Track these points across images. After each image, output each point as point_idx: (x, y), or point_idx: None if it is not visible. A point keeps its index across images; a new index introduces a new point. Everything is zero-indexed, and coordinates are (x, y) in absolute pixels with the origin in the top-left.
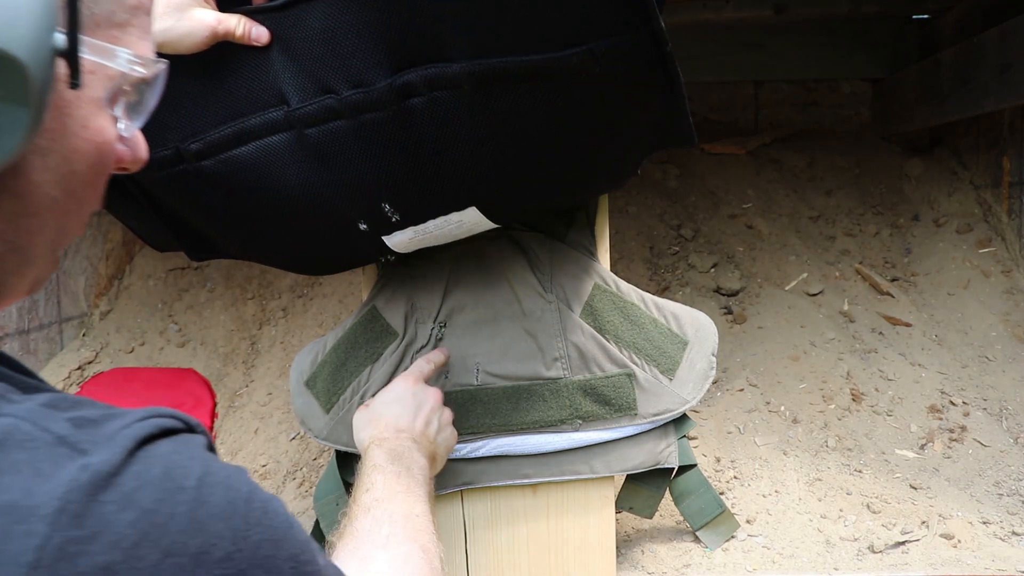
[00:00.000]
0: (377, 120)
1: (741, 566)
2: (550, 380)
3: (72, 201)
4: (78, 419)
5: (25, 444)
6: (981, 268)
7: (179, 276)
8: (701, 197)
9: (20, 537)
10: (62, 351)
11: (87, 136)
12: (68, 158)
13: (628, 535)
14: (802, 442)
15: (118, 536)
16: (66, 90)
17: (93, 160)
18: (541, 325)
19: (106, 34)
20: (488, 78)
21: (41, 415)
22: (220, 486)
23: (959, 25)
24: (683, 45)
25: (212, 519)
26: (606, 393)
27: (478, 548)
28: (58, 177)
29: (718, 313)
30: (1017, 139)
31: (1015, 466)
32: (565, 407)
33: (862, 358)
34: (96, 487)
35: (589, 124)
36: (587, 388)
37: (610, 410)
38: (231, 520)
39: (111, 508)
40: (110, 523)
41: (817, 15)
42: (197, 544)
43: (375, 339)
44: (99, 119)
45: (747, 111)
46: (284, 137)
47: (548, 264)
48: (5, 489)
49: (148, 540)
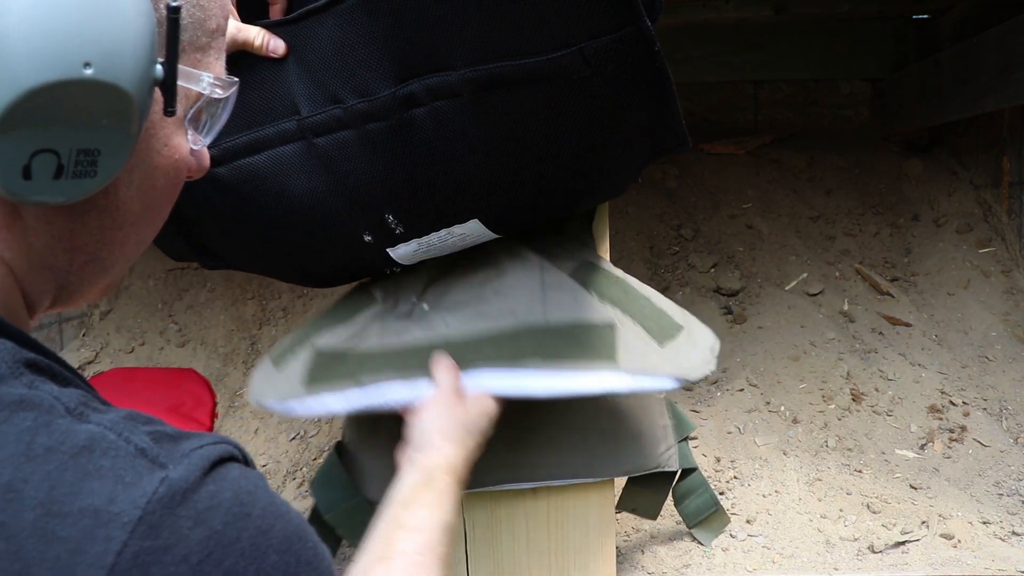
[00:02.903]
0: (380, 129)
1: (741, 566)
2: (523, 324)
3: (151, 213)
4: (156, 433)
5: (109, 452)
6: (981, 268)
7: (179, 276)
8: (701, 197)
9: (102, 541)
10: (62, 351)
11: (168, 154)
12: (151, 175)
13: (628, 536)
14: (802, 442)
15: (188, 551)
16: (154, 112)
17: (171, 175)
18: (519, 282)
19: (191, 58)
20: (484, 84)
21: (124, 426)
22: (281, 519)
23: (959, 25)
24: (683, 45)
25: (270, 550)
26: (581, 337)
27: (479, 551)
28: (141, 192)
29: (718, 313)
30: (1017, 139)
31: (1015, 466)
32: (533, 344)
33: (862, 358)
34: (174, 501)
35: (583, 128)
36: (561, 330)
37: (585, 351)
38: (285, 555)
39: (186, 523)
40: (183, 537)
41: (817, 15)
42: (253, 571)
43: (352, 305)
44: (178, 137)
45: (747, 111)
46: (295, 147)
47: (541, 242)
48: (91, 493)
49: (212, 559)
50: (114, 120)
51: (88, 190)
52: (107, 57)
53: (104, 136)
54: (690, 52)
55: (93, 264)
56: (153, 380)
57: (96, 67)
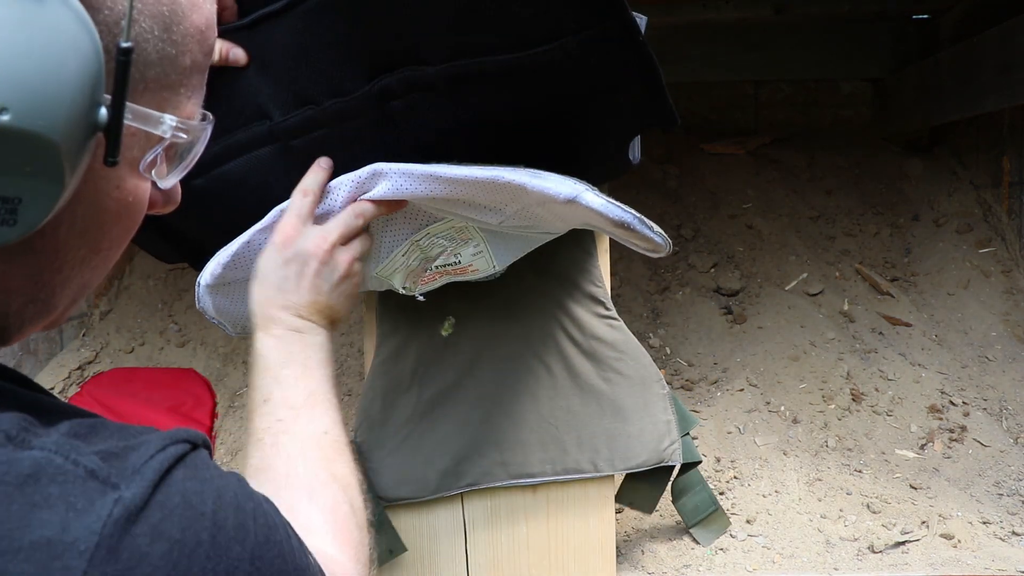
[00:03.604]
0: (359, 125)
1: (741, 566)
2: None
3: (98, 257)
4: (103, 452)
5: (57, 478)
6: (981, 268)
7: (179, 276)
8: (701, 197)
9: (59, 572)
10: (62, 351)
11: (119, 196)
12: (98, 218)
13: (628, 535)
14: (802, 442)
15: (152, 568)
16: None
17: (124, 217)
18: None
19: (155, 98)
20: (463, 79)
21: (70, 448)
22: (231, 507)
23: (959, 25)
24: (683, 45)
25: (231, 542)
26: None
27: (478, 548)
28: (85, 236)
29: (718, 313)
30: (1017, 139)
31: (1015, 466)
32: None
33: (862, 358)
34: (128, 521)
35: (565, 114)
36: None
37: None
38: (245, 542)
39: (143, 541)
40: (144, 556)
41: (817, 15)
42: (223, 569)
43: None
44: (133, 179)
45: (747, 111)
46: (271, 149)
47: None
48: (41, 525)
49: (179, 569)
50: (39, 169)
51: (7, 239)
52: (29, 102)
53: (26, 184)
54: (690, 52)
55: (33, 305)
56: (153, 380)
57: (14, 113)
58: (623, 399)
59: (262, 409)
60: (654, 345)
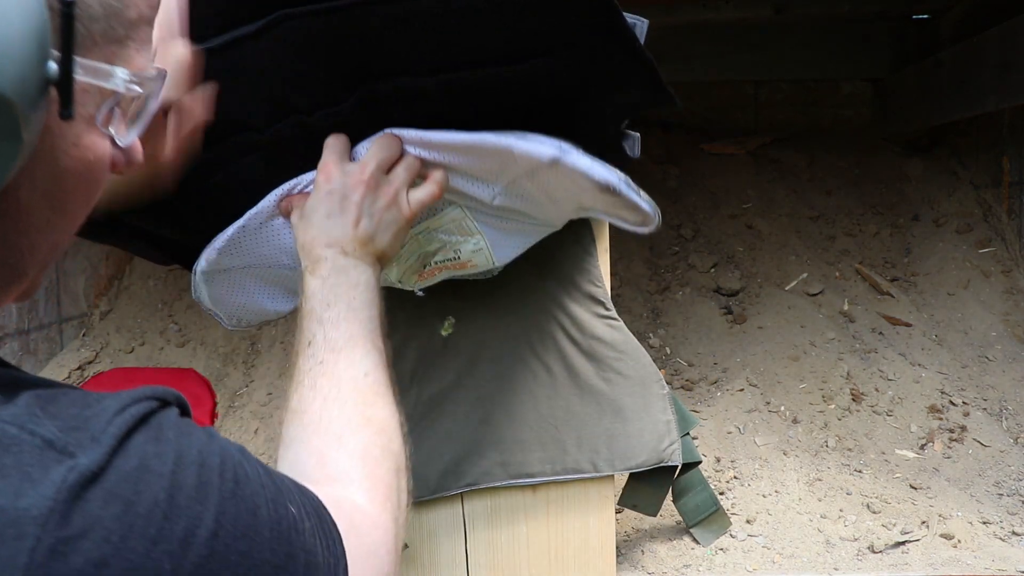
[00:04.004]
0: (352, 123)
1: (741, 566)
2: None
3: (63, 219)
4: (64, 422)
5: (12, 448)
6: (981, 268)
7: (179, 276)
8: (701, 197)
9: (11, 541)
10: (62, 351)
11: (78, 154)
12: (59, 177)
13: (628, 535)
14: (802, 442)
15: (107, 531)
16: (56, 113)
17: (85, 176)
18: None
19: (103, 52)
20: (454, 88)
21: (27, 418)
22: (193, 466)
23: (959, 25)
24: (683, 45)
25: (191, 501)
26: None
27: (478, 547)
28: (48, 196)
29: (718, 313)
30: (1017, 139)
31: (1015, 466)
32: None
33: (862, 358)
34: (82, 487)
35: (560, 113)
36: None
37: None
38: (207, 500)
39: (96, 505)
40: (97, 519)
41: (817, 15)
42: (182, 528)
43: None
44: (91, 135)
45: (747, 111)
46: (259, 156)
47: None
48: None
49: (135, 531)
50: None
51: None
52: None
53: None
54: (690, 52)
55: (5, 269)
56: (153, 380)
57: None
58: (623, 399)
59: (306, 352)
60: (654, 345)
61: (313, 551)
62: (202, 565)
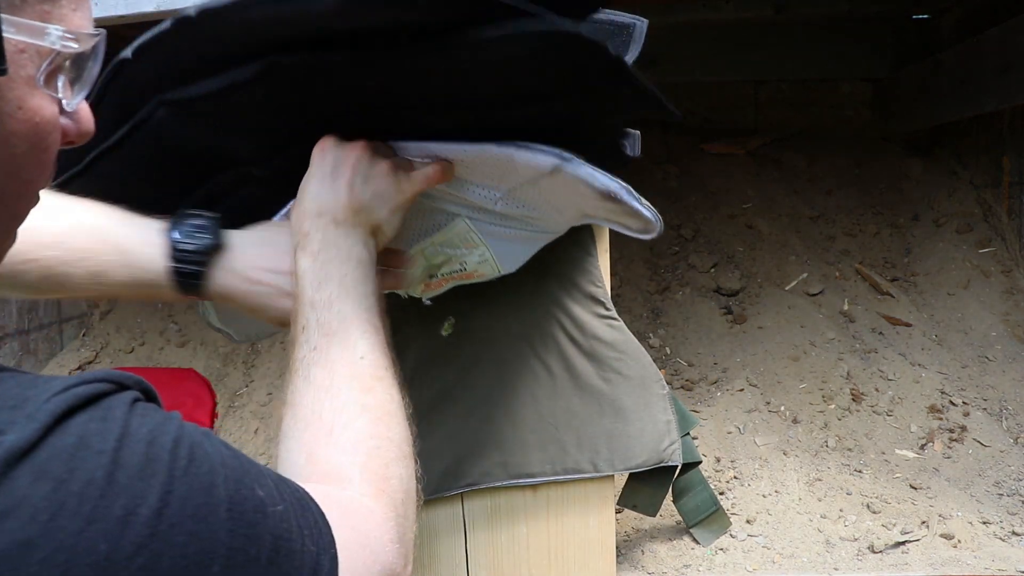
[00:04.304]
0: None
1: (741, 566)
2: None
3: (16, 183)
4: (1, 400)
5: None
6: (981, 268)
7: None
8: (701, 197)
9: None
10: (62, 351)
11: (23, 117)
12: (7, 141)
13: (628, 535)
14: (802, 442)
15: (34, 509)
16: None
17: (34, 140)
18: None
19: (35, 10)
20: (464, 125)
21: None
22: (140, 443)
23: (959, 25)
24: (683, 45)
25: (132, 479)
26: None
27: (478, 547)
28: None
29: (718, 313)
30: (1017, 139)
31: (1015, 466)
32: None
33: (862, 358)
34: (8, 464)
35: (561, 126)
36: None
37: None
38: (153, 478)
39: (23, 482)
40: (24, 497)
41: (817, 15)
42: (120, 506)
43: None
44: (35, 98)
45: (747, 111)
46: (255, 187)
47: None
48: None
49: (66, 510)
50: None
51: None
52: None
53: None
54: (690, 52)
55: None
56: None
57: None
58: (623, 399)
59: (300, 338)
60: (654, 345)
61: (286, 537)
62: (143, 545)
